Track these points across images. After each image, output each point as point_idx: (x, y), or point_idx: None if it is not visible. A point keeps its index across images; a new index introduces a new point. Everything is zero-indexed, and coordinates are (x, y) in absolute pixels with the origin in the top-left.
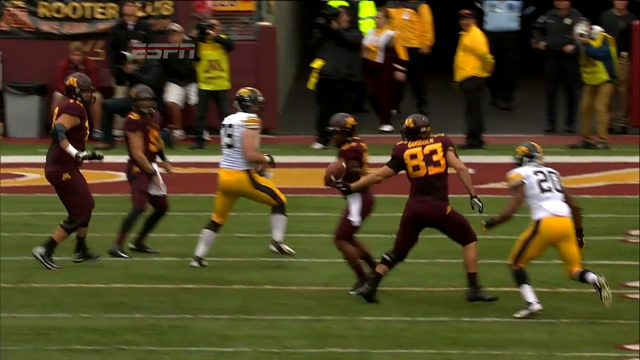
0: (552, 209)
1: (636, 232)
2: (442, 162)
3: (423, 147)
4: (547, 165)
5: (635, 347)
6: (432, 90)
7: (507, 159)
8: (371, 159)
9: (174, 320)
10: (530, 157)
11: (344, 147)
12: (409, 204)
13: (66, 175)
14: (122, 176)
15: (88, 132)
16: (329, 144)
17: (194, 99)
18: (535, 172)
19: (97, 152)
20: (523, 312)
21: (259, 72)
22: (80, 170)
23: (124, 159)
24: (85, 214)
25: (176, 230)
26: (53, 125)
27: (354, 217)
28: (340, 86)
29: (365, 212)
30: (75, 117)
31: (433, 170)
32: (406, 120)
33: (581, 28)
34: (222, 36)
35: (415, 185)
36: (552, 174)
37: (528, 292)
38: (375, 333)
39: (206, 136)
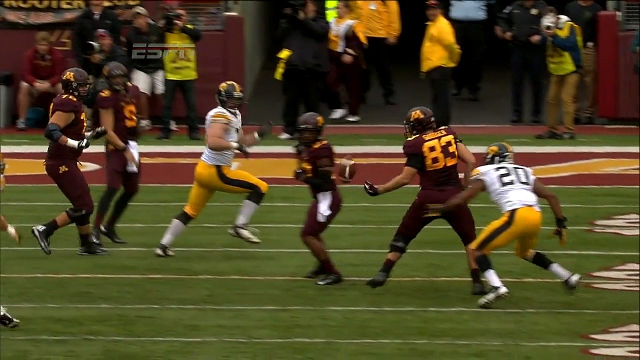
0: (519, 198)
1: (602, 222)
2: (456, 153)
3: (439, 138)
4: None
5: (601, 336)
6: (399, 81)
7: (474, 149)
8: (336, 148)
9: (140, 311)
10: (501, 156)
11: (315, 145)
12: (427, 194)
13: (63, 168)
14: (90, 166)
15: (85, 124)
16: (298, 141)
17: (160, 87)
18: (497, 169)
19: (98, 130)
20: (490, 296)
21: (225, 62)
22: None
23: (90, 148)
24: (89, 203)
25: (143, 220)
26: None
27: (325, 212)
28: (307, 76)
29: (334, 209)
30: (69, 113)
31: (450, 162)
32: (412, 113)
33: (548, 20)
34: (189, 26)
35: (434, 177)
36: (518, 169)
37: (493, 277)
38: (342, 323)
39: (173, 126)
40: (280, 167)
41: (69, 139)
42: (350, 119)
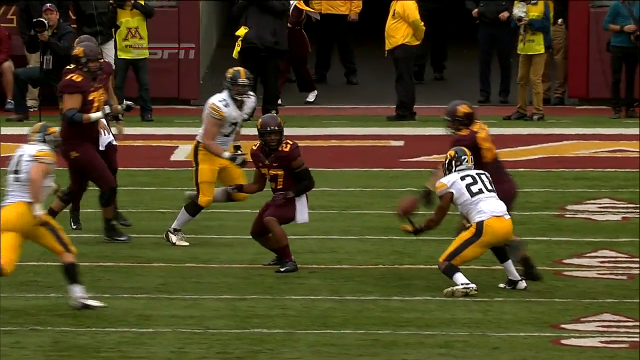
0: (489, 209)
1: (573, 207)
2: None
3: (484, 130)
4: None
5: (572, 326)
6: (361, 59)
7: (439, 131)
8: (296, 130)
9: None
10: (458, 160)
11: (284, 147)
12: (501, 187)
13: (73, 154)
14: None
15: (95, 105)
16: (266, 145)
17: (110, 62)
18: (463, 177)
19: (129, 103)
20: (459, 288)
21: (179, 39)
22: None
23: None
24: (109, 182)
25: (93, 205)
26: (60, 103)
27: (305, 218)
28: (265, 55)
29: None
30: (76, 95)
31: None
32: (459, 107)
33: (519, 10)
34: (141, 2)
35: (489, 169)
36: (481, 175)
37: (460, 278)
38: (302, 313)
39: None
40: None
41: (90, 114)
42: (309, 99)
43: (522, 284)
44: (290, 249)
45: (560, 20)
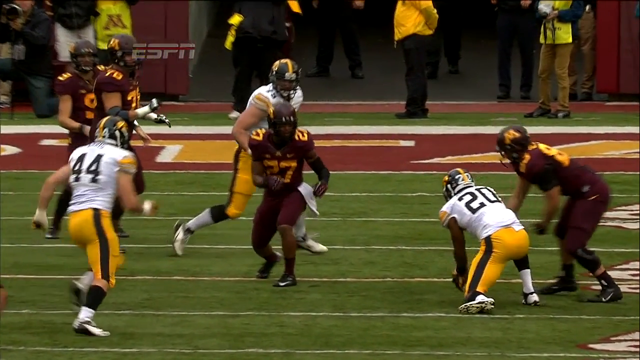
0: (495, 220)
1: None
2: None
3: (536, 144)
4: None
5: (601, 346)
6: (367, 51)
7: (453, 129)
8: None
9: (68, 317)
10: (454, 183)
11: (301, 137)
12: (598, 187)
13: (68, 140)
14: (9, 149)
15: (134, 105)
16: (278, 136)
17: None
18: (461, 198)
19: (155, 104)
20: (474, 304)
21: (166, 29)
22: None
23: (8, 129)
24: (141, 188)
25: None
26: (95, 99)
27: (315, 209)
28: (262, 45)
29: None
30: (116, 93)
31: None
32: (505, 135)
33: (545, 5)
34: None
35: (573, 172)
36: (482, 189)
37: (480, 297)
38: (302, 331)
39: None
40: (229, 151)
41: (137, 110)
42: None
43: (533, 298)
44: (294, 262)
45: (587, 8)
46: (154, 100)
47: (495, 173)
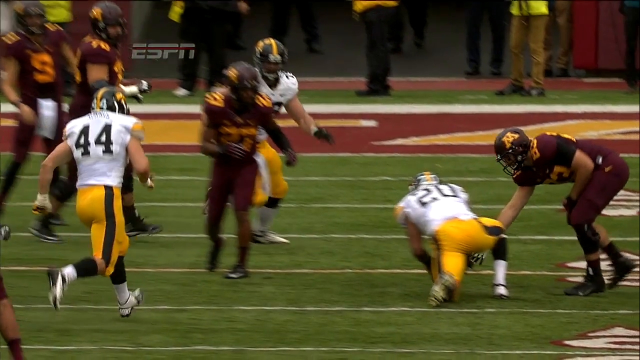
0: (438, 215)
1: None
2: None
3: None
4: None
5: (578, 342)
6: (325, 23)
7: (418, 108)
8: None
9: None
10: (415, 183)
11: (263, 102)
12: (612, 158)
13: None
14: None
15: (119, 77)
16: (240, 101)
17: None
18: (414, 194)
19: (144, 86)
20: (434, 287)
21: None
22: None
23: None
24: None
25: (13, 198)
26: (77, 73)
27: (267, 188)
28: (211, 17)
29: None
30: (102, 65)
31: None
32: (504, 139)
33: None
34: None
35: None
36: (439, 185)
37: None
38: (254, 327)
39: None
40: (175, 132)
41: (124, 88)
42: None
43: (499, 291)
44: (249, 252)
45: None
46: (145, 82)
47: (463, 155)
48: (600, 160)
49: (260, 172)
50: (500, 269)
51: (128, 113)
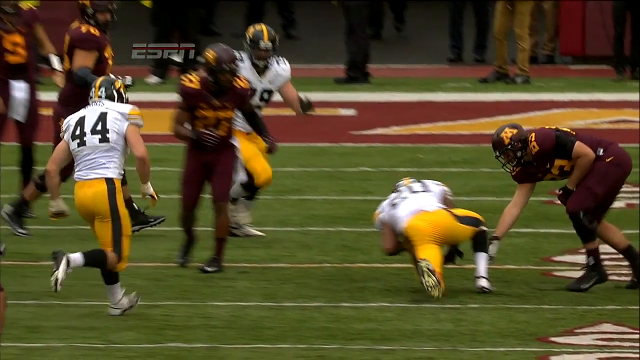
0: (405, 211)
1: None
2: None
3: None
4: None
5: (564, 339)
6: (302, 7)
7: (399, 96)
8: None
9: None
10: (394, 190)
11: (241, 84)
12: (613, 149)
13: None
14: None
15: (110, 62)
16: (218, 85)
17: None
18: (389, 197)
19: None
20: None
21: None
22: None
23: None
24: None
25: None
26: (66, 59)
27: (242, 174)
28: (184, 1)
29: None
30: (92, 52)
31: None
32: (502, 135)
33: None
34: None
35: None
36: (413, 183)
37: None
38: (229, 323)
39: None
40: (147, 120)
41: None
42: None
43: (480, 283)
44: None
45: None
46: (129, 78)
47: (446, 145)
48: (601, 152)
49: (237, 155)
50: (481, 262)
51: (127, 102)
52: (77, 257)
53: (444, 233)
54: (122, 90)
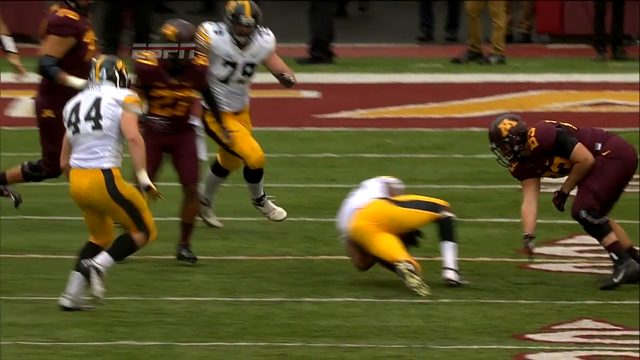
0: (341, 219)
1: (542, 180)
2: None
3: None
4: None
5: (541, 336)
6: None
7: (365, 77)
8: None
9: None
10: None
11: (200, 61)
12: (610, 142)
13: (47, 113)
14: None
15: (91, 48)
16: (177, 63)
17: None
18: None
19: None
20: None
21: None
22: None
23: None
24: (58, 167)
25: None
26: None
27: (203, 154)
28: None
29: None
30: (67, 38)
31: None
32: (500, 126)
33: None
34: None
35: (588, 134)
36: (369, 181)
37: (399, 267)
38: (184, 320)
39: None
40: None
41: (69, 77)
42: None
43: (446, 275)
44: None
45: None
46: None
47: (415, 130)
48: (599, 146)
49: (199, 135)
50: (448, 252)
51: (130, 84)
52: (102, 260)
53: (385, 221)
54: (124, 70)
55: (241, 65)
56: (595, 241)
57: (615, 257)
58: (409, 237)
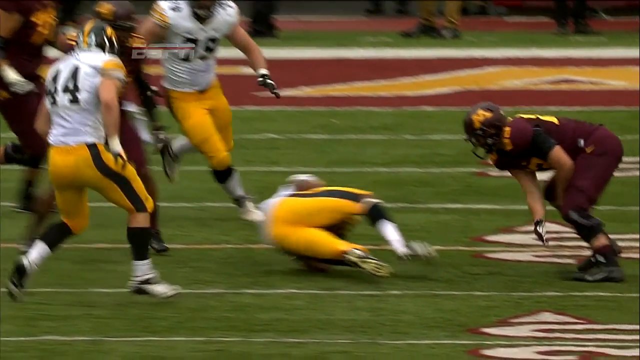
0: (261, 235)
1: None
2: None
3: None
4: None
5: (498, 330)
6: None
7: (309, 52)
8: None
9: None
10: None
11: (139, 43)
12: (594, 137)
13: (4, 94)
14: None
15: (44, 31)
16: (64, 29)
17: None
18: None
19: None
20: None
21: None
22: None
23: None
24: (37, 146)
25: None
26: None
27: (145, 135)
28: None
29: None
30: (11, 14)
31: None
32: (473, 117)
33: None
34: None
35: (569, 130)
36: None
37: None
38: (114, 313)
39: None
40: None
41: (6, 67)
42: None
43: (399, 251)
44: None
45: None
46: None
47: (363, 109)
48: (581, 142)
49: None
50: (387, 228)
51: (118, 52)
52: (140, 269)
53: (299, 217)
54: (114, 38)
55: (203, 42)
56: (556, 228)
57: (602, 260)
58: (336, 231)
